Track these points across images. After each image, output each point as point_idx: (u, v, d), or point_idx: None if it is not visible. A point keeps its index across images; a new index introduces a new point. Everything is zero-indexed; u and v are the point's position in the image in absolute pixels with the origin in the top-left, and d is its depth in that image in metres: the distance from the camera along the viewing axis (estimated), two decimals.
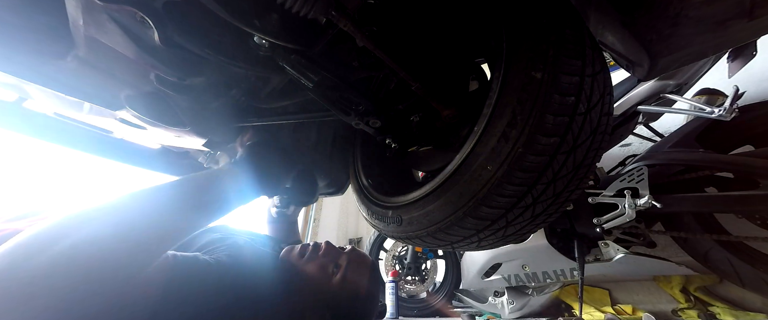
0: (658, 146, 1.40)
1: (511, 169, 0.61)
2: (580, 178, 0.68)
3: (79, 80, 0.76)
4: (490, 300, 2.03)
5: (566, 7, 0.62)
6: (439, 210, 0.73)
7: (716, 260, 1.28)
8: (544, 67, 0.59)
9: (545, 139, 0.59)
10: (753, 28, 0.50)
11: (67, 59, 0.70)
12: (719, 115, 1.15)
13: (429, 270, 2.67)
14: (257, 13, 0.63)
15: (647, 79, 0.68)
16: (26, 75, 0.73)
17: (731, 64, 1.15)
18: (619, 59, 0.67)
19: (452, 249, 0.85)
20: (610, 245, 1.40)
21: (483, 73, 0.90)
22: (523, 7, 0.66)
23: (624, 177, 1.31)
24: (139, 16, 0.59)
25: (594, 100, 0.62)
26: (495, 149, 0.63)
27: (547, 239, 1.51)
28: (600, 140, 0.66)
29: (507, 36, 0.67)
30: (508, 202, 0.65)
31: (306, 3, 0.55)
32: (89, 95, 0.82)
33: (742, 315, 1.55)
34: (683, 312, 1.68)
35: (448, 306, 2.47)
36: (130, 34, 0.65)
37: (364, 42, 0.63)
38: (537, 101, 0.59)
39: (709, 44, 0.55)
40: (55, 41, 0.68)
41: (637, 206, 1.24)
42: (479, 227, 0.70)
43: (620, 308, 1.92)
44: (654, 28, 0.55)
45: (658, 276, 1.78)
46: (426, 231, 0.78)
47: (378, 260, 2.80)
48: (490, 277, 1.78)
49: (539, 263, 1.57)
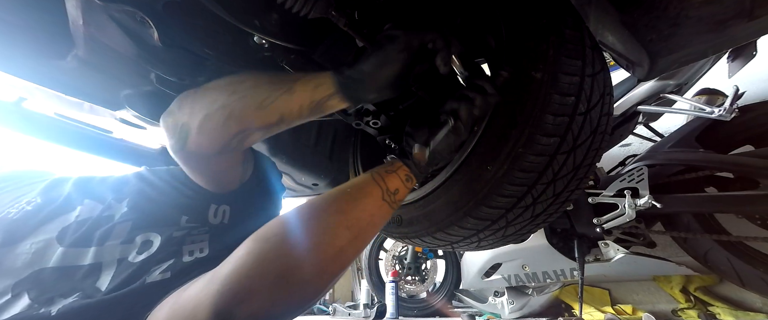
0: (658, 146, 1.40)
1: (511, 169, 0.61)
2: (580, 178, 0.68)
3: (79, 80, 0.76)
4: (490, 300, 2.03)
5: (566, 7, 0.62)
6: (439, 210, 0.73)
7: (716, 260, 1.28)
8: (544, 67, 0.59)
9: (545, 139, 0.59)
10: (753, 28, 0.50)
11: (67, 59, 0.70)
12: (719, 115, 1.15)
13: (429, 270, 2.67)
14: (257, 13, 0.63)
15: (647, 79, 0.68)
16: (26, 75, 0.73)
17: (731, 64, 1.15)
18: (619, 59, 0.67)
19: (452, 249, 0.85)
20: (610, 245, 1.40)
21: None
22: (523, 7, 0.66)
23: (624, 177, 1.31)
24: (139, 16, 0.59)
25: (594, 100, 0.62)
26: (495, 149, 0.63)
27: (547, 239, 1.51)
28: (600, 140, 0.67)
29: (507, 36, 0.67)
30: (508, 202, 0.65)
31: (306, 3, 0.55)
32: (89, 95, 0.82)
33: (742, 315, 1.55)
34: (683, 312, 1.68)
35: (448, 306, 2.47)
36: (130, 34, 0.65)
37: (364, 42, 0.63)
38: (537, 101, 0.59)
39: (709, 44, 0.54)
40: (55, 41, 0.68)
41: (637, 206, 1.24)
42: (479, 227, 0.71)
43: (620, 308, 1.92)
44: (654, 28, 0.55)
45: (658, 276, 1.78)
46: (426, 231, 0.78)
47: (378, 260, 2.80)
48: (490, 277, 1.78)
49: (539, 263, 1.57)
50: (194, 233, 0.58)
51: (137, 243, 0.54)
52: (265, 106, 0.54)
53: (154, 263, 0.52)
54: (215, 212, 0.62)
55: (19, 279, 0.49)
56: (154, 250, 0.54)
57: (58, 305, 0.46)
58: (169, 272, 0.51)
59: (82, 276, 0.50)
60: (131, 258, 0.52)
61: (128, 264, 0.51)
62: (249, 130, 0.56)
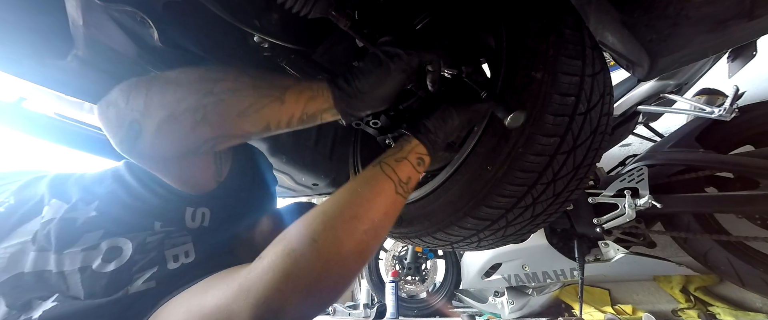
0: (658, 146, 1.40)
1: (511, 169, 0.62)
2: (580, 178, 0.68)
3: (79, 80, 0.76)
4: (490, 300, 2.03)
5: (566, 6, 0.62)
6: (439, 210, 0.73)
7: (716, 260, 1.28)
8: (544, 67, 0.59)
9: (545, 139, 0.59)
10: (753, 28, 0.50)
11: (67, 59, 0.70)
12: (719, 115, 1.15)
13: (429, 270, 2.67)
14: (257, 13, 0.63)
15: (647, 79, 0.68)
16: (26, 75, 0.73)
17: (731, 64, 1.15)
18: (619, 59, 0.67)
19: (452, 248, 0.85)
20: (610, 245, 1.40)
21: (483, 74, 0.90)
22: (523, 7, 0.66)
23: (624, 177, 1.31)
24: (139, 16, 0.59)
25: (594, 100, 0.62)
26: (495, 149, 0.63)
27: (547, 239, 1.51)
28: (600, 140, 0.67)
29: (507, 36, 0.67)
30: (508, 202, 0.65)
31: (306, 3, 0.55)
32: (89, 95, 0.82)
33: (742, 315, 1.55)
34: (683, 312, 1.68)
35: (448, 306, 2.47)
36: (130, 34, 0.66)
37: (364, 42, 0.63)
38: (537, 101, 0.59)
39: (709, 44, 0.55)
40: (55, 41, 0.68)
41: (637, 206, 1.24)
42: (479, 227, 0.71)
43: (620, 308, 1.92)
44: (654, 28, 0.55)
45: (658, 276, 1.78)
46: (426, 231, 0.78)
47: (378, 260, 2.80)
48: (490, 277, 1.78)
49: (539, 263, 1.57)
50: (174, 237, 0.55)
51: (102, 249, 0.51)
52: (248, 114, 0.49)
53: (136, 271, 0.50)
54: (193, 216, 0.59)
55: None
56: (126, 257, 0.51)
57: (38, 311, 0.45)
58: (154, 281, 0.49)
59: (55, 282, 0.49)
60: (96, 266, 0.49)
61: (93, 272, 0.49)
62: (224, 137, 0.51)
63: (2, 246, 0.51)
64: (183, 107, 0.47)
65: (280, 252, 0.42)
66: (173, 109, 0.47)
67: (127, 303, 0.47)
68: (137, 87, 0.49)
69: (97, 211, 0.54)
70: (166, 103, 0.47)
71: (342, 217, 0.46)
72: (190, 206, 0.59)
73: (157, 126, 0.47)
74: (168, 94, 0.48)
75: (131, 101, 0.48)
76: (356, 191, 0.50)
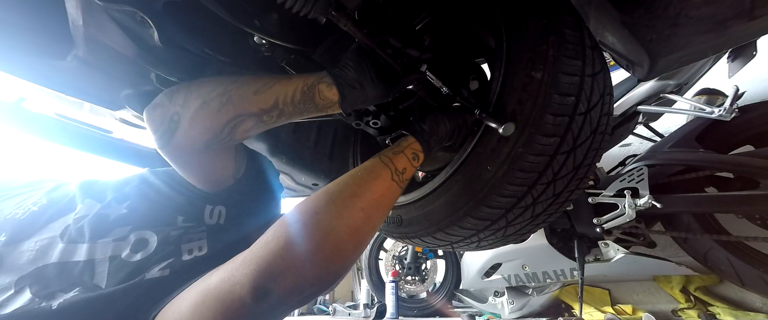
0: (658, 146, 1.40)
1: (511, 169, 0.62)
2: (580, 178, 0.68)
3: (79, 80, 0.76)
4: (490, 300, 2.03)
5: (566, 6, 0.62)
6: (439, 210, 0.73)
7: (716, 260, 1.28)
8: (544, 67, 0.59)
9: (545, 139, 0.59)
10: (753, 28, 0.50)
11: (67, 59, 0.70)
12: (719, 115, 1.15)
13: (429, 270, 2.67)
14: (257, 13, 0.63)
15: (647, 79, 0.68)
16: (26, 75, 0.73)
17: (731, 64, 1.15)
18: (619, 59, 0.67)
19: (452, 249, 0.85)
20: (610, 245, 1.40)
21: (483, 74, 0.90)
22: (523, 7, 0.66)
23: (624, 177, 1.31)
24: (139, 16, 0.59)
25: (594, 100, 0.62)
26: (495, 149, 0.63)
27: (547, 239, 1.51)
28: (600, 140, 0.67)
29: (507, 36, 0.67)
30: (508, 202, 0.65)
31: (306, 3, 0.55)
32: (89, 95, 0.82)
33: (742, 315, 1.55)
34: (683, 312, 1.68)
35: (448, 306, 2.47)
36: (130, 34, 0.66)
37: (363, 42, 0.63)
38: (537, 101, 0.59)
39: (709, 44, 0.54)
40: (55, 41, 0.68)
41: (637, 206, 1.24)
42: (479, 227, 0.71)
43: (620, 308, 1.92)
44: (654, 28, 0.55)
45: (658, 276, 1.78)
46: (426, 231, 0.78)
47: (378, 260, 2.80)
48: (490, 277, 1.78)
49: (539, 263, 1.57)
50: (191, 232, 0.60)
51: (131, 240, 0.55)
52: (262, 91, 0.58)
53: (155, 261, 0.54)
54: (211, 213, 0.64)
55: (23, 275, 0.50)
56: (152, 249, 0.55)
57: (59, 299, 0.48)
58: (169, 269, 0.53)
59: (79, 272, 0.52)
60: (125, 255, 0.54)
61: (122, 261, 0.53)
62: (243, 116, 0.57)
63: (33, 239, 0.55)
64: (214, 94, 0.56)
65: (283, 223, 0.47)
66: (207, 97, 0.56)
67: (142, 287, 0.50)
68: (179, 87, 0.58)
69: (128, 209, 0.60)
70: (203, 93, 0.56)
71: (342, 194, 0.52)
72: (209, 204, 0.64)
73: (192, 114, 0.55)
74: (204, 88, 0.57)
75: (174, 98, 0.57)
76: (356, 175, 0.57)
